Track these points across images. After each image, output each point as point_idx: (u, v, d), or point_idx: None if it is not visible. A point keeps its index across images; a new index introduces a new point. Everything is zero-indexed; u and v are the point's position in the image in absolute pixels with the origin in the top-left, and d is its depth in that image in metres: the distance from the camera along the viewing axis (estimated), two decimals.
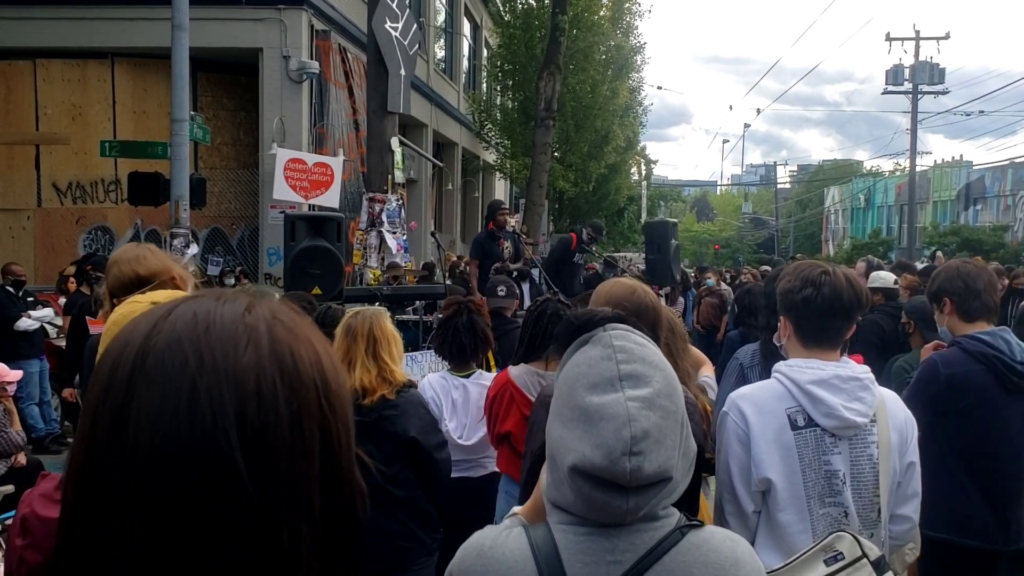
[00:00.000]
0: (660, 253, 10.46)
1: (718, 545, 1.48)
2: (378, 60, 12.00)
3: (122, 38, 14.68)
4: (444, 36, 26.32)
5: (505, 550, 1.48)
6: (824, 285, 2.46)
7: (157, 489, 0.70)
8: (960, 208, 46.27)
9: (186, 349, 0.73)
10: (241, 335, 0.74)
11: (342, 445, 0.78)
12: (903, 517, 2.49)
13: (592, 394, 1.42)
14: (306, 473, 0.73)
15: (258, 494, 0.70)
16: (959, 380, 3.27)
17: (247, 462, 0.70)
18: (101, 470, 0.72)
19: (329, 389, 0.77)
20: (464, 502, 4.32)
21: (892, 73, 38.46)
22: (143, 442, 0.71)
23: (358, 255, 12.05)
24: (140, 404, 0.72)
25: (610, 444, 1.36)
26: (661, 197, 53.94)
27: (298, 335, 0.78)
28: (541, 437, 2.99)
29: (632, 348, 1.47)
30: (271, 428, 0.72)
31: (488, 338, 4.40)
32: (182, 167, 10.39)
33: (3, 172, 15.56)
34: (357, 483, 0.79)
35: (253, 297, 0.79)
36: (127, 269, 2.65)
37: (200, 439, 0.70)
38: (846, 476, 2.37)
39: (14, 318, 9.33)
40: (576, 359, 1.50)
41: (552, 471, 1.49)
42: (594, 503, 1.40)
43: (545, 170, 20.98)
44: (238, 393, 0.71)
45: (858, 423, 2.36)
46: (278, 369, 0.74)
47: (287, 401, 0.73)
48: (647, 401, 1.41)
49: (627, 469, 1.35)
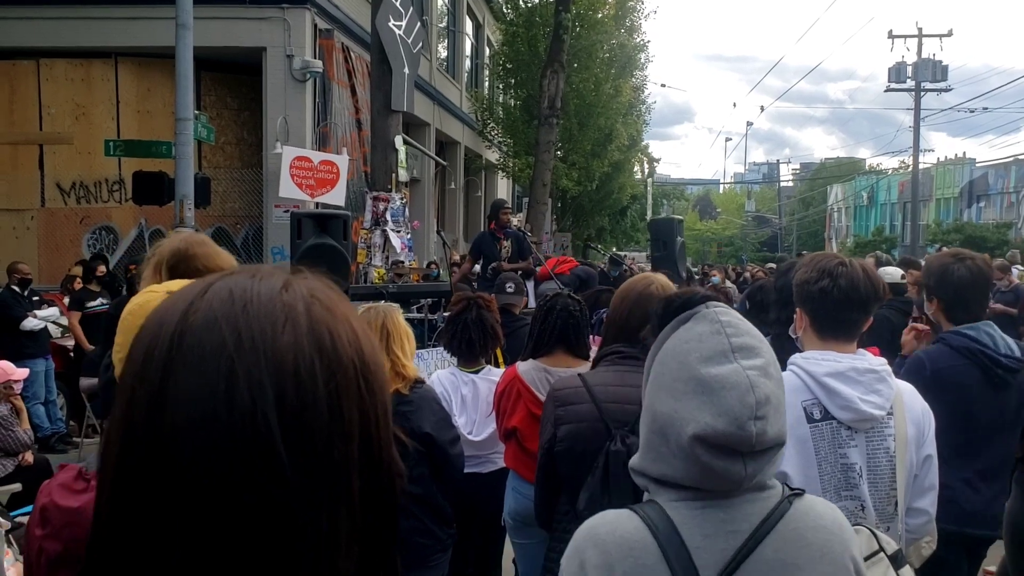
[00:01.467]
0: (666, 250, 10.46)
1: (822, 511, 1.57)
2: (382, 58, 12.01)
3: (126, 37, 14.67)
4: (446, 35, 26.32)
5: (622, 532, 1.51)
6: (841, 276, 2.45)
7: (195, 472, 0.69)
8: (963, 205, 46.25)
9: (223, 328, 0.71)
10: (279, 314, 0.73)
11: (380, 426, 0.76)
12: (920, 510, 2.48)
13: (708, 366, 1.48)
14: (345, 455, 0.72)
15: (297, 477, 0.69)
16: (944, 375, 3.29)
17: (286, 445, 0.69)
18: (138, 453, 0.71)
19: (368, 369, 0.75)
20: (474, 498, 4.31)
21: (895, 70, 38.43)
22: (181, 425, 0.69)
23: (362, 254, 12.06)
24: (177, 386, 0.70)
25: (736, 410, 1.43)
26: (664, 196, 53.92)
27: (336, 314, 0.76)
28: (549, 431, 3.03)
29: (737, 323, 1.55)
30: (309, 409, 0.70)
31: (497, 334, 4.40)
32: (187, 166, 10.40)
33: (7, 172, 15.57)
34: (396, 464, 0.77)
35: (289, 274, 0.78)
36: (210, 264, 2.52)
37: (239, 421, 0.68)
38: (862, 469, 2.36)
39: (20, 318, 9.33)
40: (681, 335, 1.55)
41: (658, 446, 1.53)
42: (713, 471, 1.45)
43: (549, 168, 20.97)
44: (277, 374, 0.70)
45: (875, 416, 2.35)
46: (316, 349, 0.72)
47: (326, 382, 0.71)
48: (762, 370, 1.49)
49: (753, 433, 1.42)
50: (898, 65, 38.21)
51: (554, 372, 3.74)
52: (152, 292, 1.62)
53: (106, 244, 15.65)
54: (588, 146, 25.25)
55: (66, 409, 10.19)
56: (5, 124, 15.48)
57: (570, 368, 3.71)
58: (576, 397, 2.98)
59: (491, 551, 4.54)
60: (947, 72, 37.70)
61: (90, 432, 9.23)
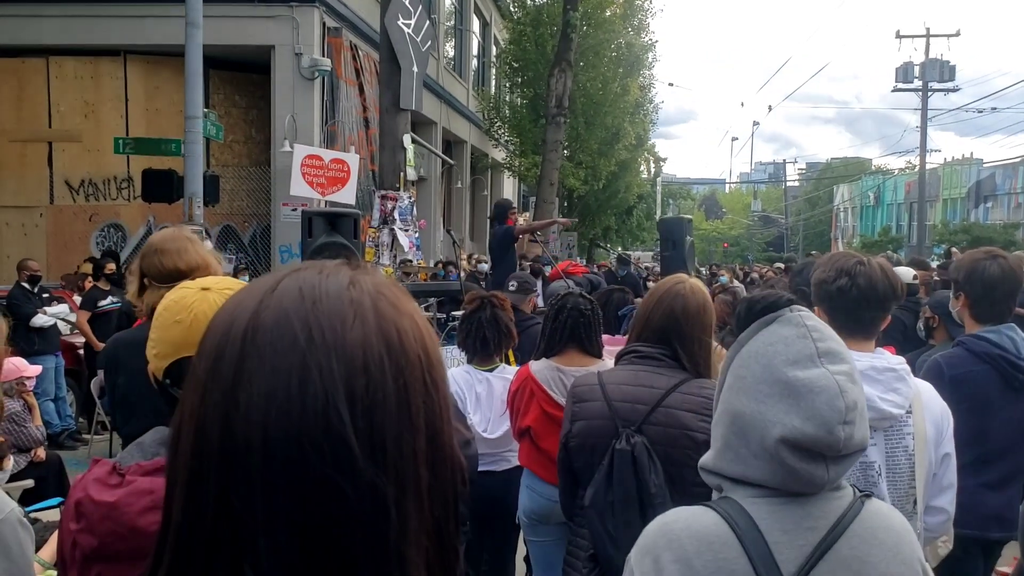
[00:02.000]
0: (675, 250, 10.46)
1: (889, 512, 1.60)
2: (391, 57, 12.02)
3: (135, 35, 14.72)
4: (454, 33, 26.33)
5: (699, 527, 1.51)
6: (859, 275, 2.46)
7: (270, 466, 0.70)
8: (970, 206, 46.14)
9: (295, 324, 0.72)
10: (348, 310, 0.74)
11: (443, 420, 0.78)
12: (938, 509, 2.49)
13: (795, 369, 1.48)
14: (413, 448, 0.73)
15: (368, 469, 0.70)
16: (963, 380, 3.27)
17: (358, 438, 0.70)
18: (213, 449, 0.72)
19: (432, 364, 0.77)
20: (488, 496, 4.32)
21: (902, 71, 38.38)
22: (255, 419, 0.70)
23: (370, 252, 12.07)
24: (251, 382, 0.71)
25: (824, 415, 1.44)
26: (670, 195, 53.85)
27: (401, 309, 0.77)
28: (566, 427, 3.06)
29: (822, 328, 1.55)
30: (379, 403, 0.72)
31: (512, 333, 4.41)
32: (196, 164, 10.43)
33: (16, 169, 15.62)
34: (457, 457, 0.79)
35: (355, 270, 0.79)
36: (168, 262, 2.66)
37: (312, 416, 0.70)
38: (881, 468, 2.36)
39: (30, 314, 9.36)
40: (765, 338, 1.55)
41: (737, 447, 1.54)
42: (796, 474, 1.46)
43: (556, 167, 20.96)
44: (347, 369, 0.71)
45: (894, 414, 2.36)
46: (385, 344, 0.74)
47: (394, 376, 0.73)
48: (849, 375, 1.49)
49: (841, 437, 1.44)
50: (905, 65, 38.16)
51: (567, 371, 3.75)
52: (186, 288, 1.63)
53: (114, 242, 15.70)
54: (595, 145, 25.23)
55: (76, 406, 10.22)
56: (14, 121, 15.54)
57: (583, 367, 3.72)
58: (590, 394, 3.02)
59: (505, 549, 4.55)
60: (955, 72, 37.64)
61: (99, 429, 9.26)
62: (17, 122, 15.54)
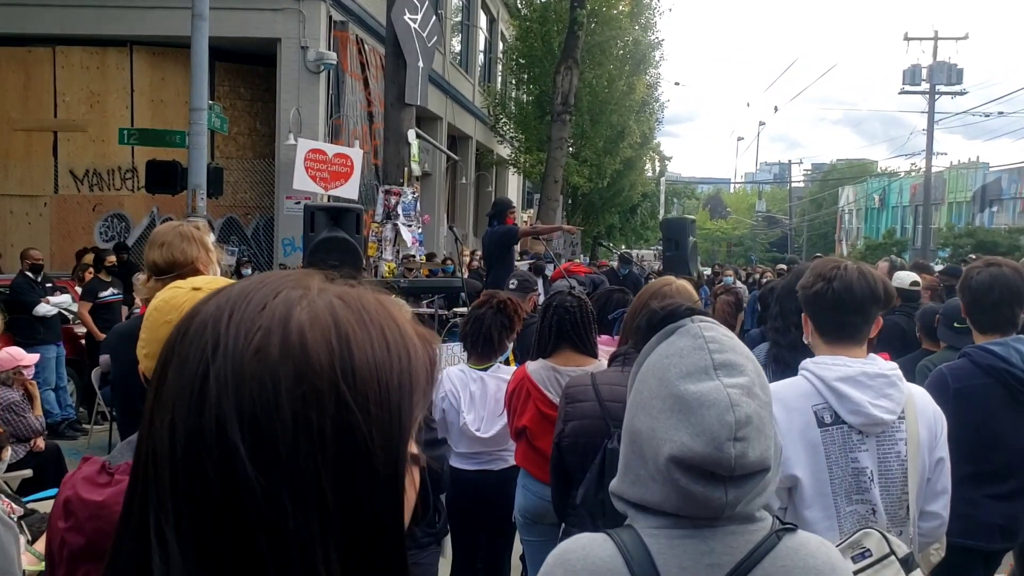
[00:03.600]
0: (678, 250, 10.47)
1: (814, 550, 1.44)
2: (396, 52, 12.02)
3: (141, 26, 14.73)
4: (460, 29, 26.31)
5: (594, 558, 1.42)
6: (835, 279, 2.46)
7: (173, 469, 0.72)
8: (975, 209, 46.07)
9: (208, 333, 0.75)
10: (257, 321, 0.75)
11: (375, 443, 0.75)
12: (933, 514, 2.49)
13: (688, 382, 1.39)
14: (314, 463, 0.72)
15: (259, 479, 0.71)
16: (967, 393, 3.25)
17: (246, 446, 0.71)
18: (143, 448, 0.76)
19: (356, 379, 0.75)
20: (482, 495, 4.33)
21: (909, 73, 38.29)
22: (166, 420, 0.73)
23: (373, 247, 12.07)
24: (167, 384, 0.75)
25: (714, 430, 1.33)
26: (675, 194, 53.79)
27: (319, 320, 0.76)
28: (559, 426, 3.07)
29: (722, 339, 1.46)
30: (268, 415, 0.72)
31: (515, 331, 4.42)
32: (200, 156, 10.43)
33: (21, 158, 15.65)
34: (399, 484, 0.76)
35: (303, 279, 0.79)
36: (167, 254, 2.73)
37: (208, 422, 0.72)
38: (874, 473, 2.36)
39: (33, 303, 9.38)
40: (663, 350, 1.47)
41: (637, 468, 1.45)
42: (691, 496, 1.36)
43: (561, 165, 20.94)
44: (238, 379, 0.72)
45: (885, 420, 2.36)
46: (289, 358, 0.73)
47: (290, 389, 0.72)
48: (745, 388, 1.39)
49: (732, 455, 1.33)
50: (913, 67, 38.08)
51: (563, 371, 3.76)
52: (177, 288, 1.64)
53: (118, 232, 15.73)
54: (600, 143, 25.19)
55: (76, 396, 10.25)
56: (20, 111, 15.57)
57: (579, 367, 3.73)
58: (583, 395, 3.04)
59: (500, 547, 4.56)
60: (962, 75, 37.55)
61: (99, 419, 9.28)
62: (23, 111, 15.57)
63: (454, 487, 4.43)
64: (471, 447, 4.34)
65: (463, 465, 4.37)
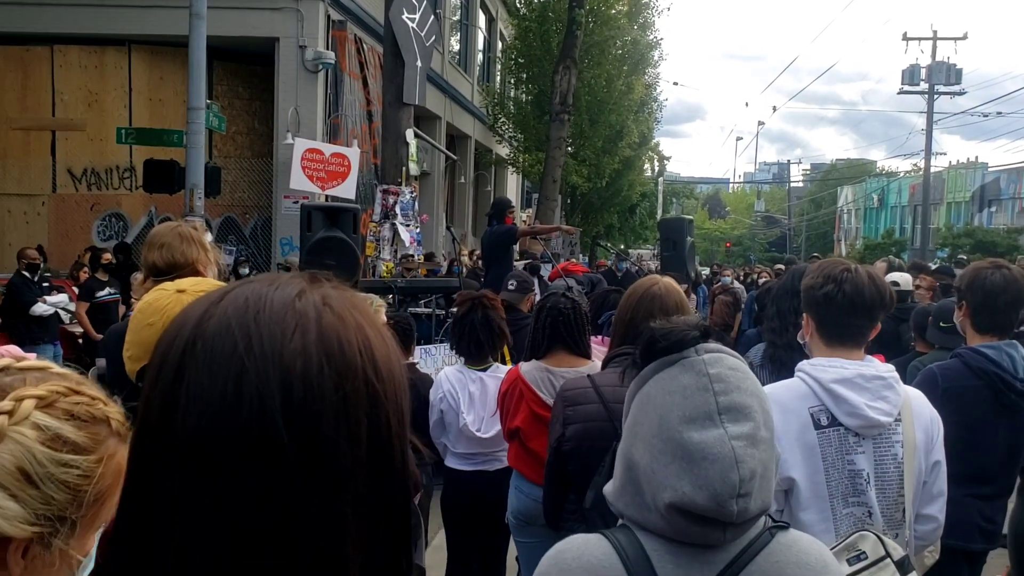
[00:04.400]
0: (675, 250, 10.46)
1: (807, 547, 1.46)
2: (395, 51, 12.00)
3: (139, 25, 14.70)
4: (459, 28, 26.29)
5: (590, 558, 1.43)
6: (846, 282, 2.44)
7: (205, 471, 0.71)
8: (974, 210, 46.07)
9: (235, 334, 0.74)
10: (290, 320, 0.75)
11: (392, 433, 0.78)
12: (929, 517, 2.48)
13: (691, 429, 1.36)
14: (351, 459, 0.74)
15: (302, 475, 0.72)
16: (955, 394, 3.26)
17: (292, 446, 0.71)
18: (152, 453, 0.74)
19: (379, 376, 0.77)
20: (480, 495, 4.32)
21: (908, 73, 38.30)
22: (192, 425, 0.72)
23: (371, 247, 12.06)
24: (189, 388, 0.73)
25: (716, 487, 1.32)
26: (673, 194, 53.78)
27: (347, 321, 0.78)
28: (558, 431, 3.05)
29: (727, 376, 1.40)
30: (317, 414, 0.73)
31: (504, 333, 4.41)
32: (197, 155, 10.41)
33: (19, 157, 15.62)
34: (409, 471, 0.79)
35: (307, 282, 0.79)
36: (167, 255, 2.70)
37: (247, 421, 0.71)
38: (870, 476, 2.36)
39: (30, 303, 9.37)
40: (666, 386, 1.42)
41: (633, 495, 1.45)
42: (689, 534, 1.37)
43: (559, 165, 20.92)
44: (284, 378, 0.72)
45: (882, 422, 2.35)
46: (325, 355, 0.74)
47: (334, 387, 0.74)
48: (750, 438, 1.36)
49: (734, 511, 1.33)
50: (912, 67, 38.08)
51: (556, 372, 3.74)
52: (161, 291, 1.63)
53: (116, 231, 15.71)
54: (599, 143, 25.17)
55: None
56: (18, 110, 15.54)
57: (572, 368, 3.72)
58: (584, 397, 3.01)
59: (496, 547, 4.55)
60: (961, 75, 37.55)
61: None
62: (21, 110, 15.54)
63: (451, 488, 4.42)
64: (469, 447, 4.33)
65: (460, 465, 4.36)
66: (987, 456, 3.30)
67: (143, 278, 2.76)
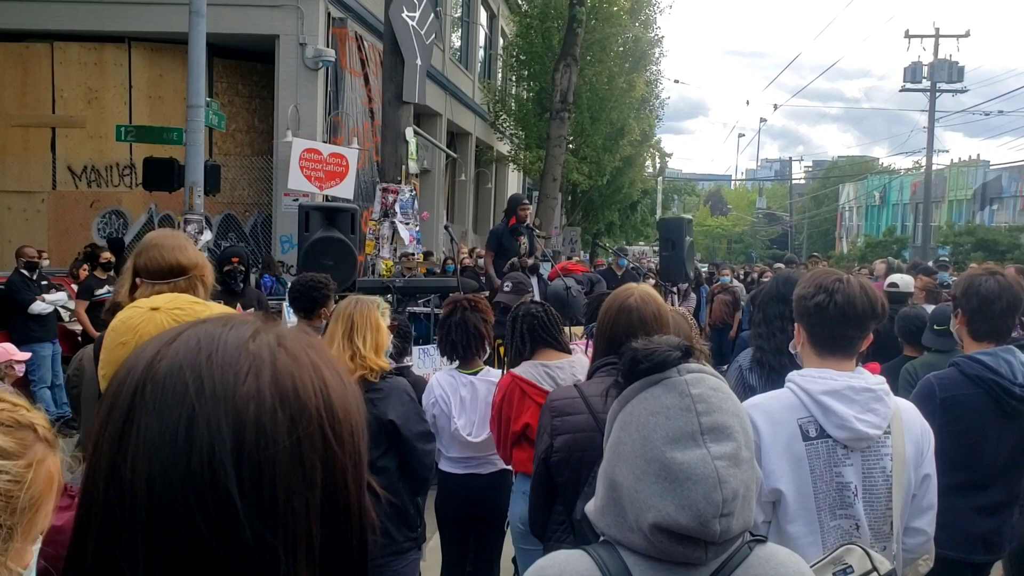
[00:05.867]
0: (674, 250, 10.45)
1: (784, 559, 1.48)
2: (394, 49, 11.97)
3: (139, 22, 14.70)
4: (460, 25, 26.25)
5: (572, 572, 1.45)
6: (837, 292, 2.42)
7: (155, 520, 0.70)
8: (976, 208, 46.02)
9: (187, 376, 0.72)
10: (243, 363, 0.73)
11: (348, 476, 0.76)
12: (918, 530, 2.47)
13: (673, 449, 1.37)
14: (306, 504, 0.72)
15: (253, 522, 0.70)
16: (954, 403, 3.25)
17: (242, 493, 0.70)
18: (102, 497, 0.72)
19: (335, 418, 0.75)
20: (472, 499, 4.32)
21: (910, 70, 38.18)
22: (141, 471, 0.70)
23: (370, 245, 12.05)
24: (139, 432, 0.71)
25: (699, 507, 1.33)
26: (675, 191, 53.66)
27: (301, 362, 0.76)
28: (546, 441, 3.04)
29: (710, 396, 1.41)
30: (269, 459, 0.71)
31: (482, 335, 4.39)
32: (197, 153, 10.40)
33: (19, 154, 15.62)
34: (366, 514, 0.78)
35: (261, 323, 0.78)
36: (169, 256, 2.64)
37: (197, 470, 0.69)
38: (858, 488, 2.34)
39: (28, 301, 9.37)
40: (649, 406, 1.43)
41: (616, 515, 1.45)
42: (671, 554, 1.38)
43: (559, 163, 20.90)
44: (236, 422, 0.70)
45: (870, 435, 2.34)
46: (279, 397, 0.72)
47: (287, 431, 0.72)
48: (733, 458, 1.37)
49: (717, 531, 1.34)
50: (914, 65, 37.97)
51: (550, 365, 3.79)
52: (135, 308, 1.62)
53: (115, 228, 15.71)
54: (599, 140, 25.14)
55: None
56: (18, 106, 15.54)
57: (562, 360, 3.83)
58: (572, 408, 3.00)
59: (490, 551, 4.54)
60: (963, 73, 37.42)
61: None
62: (21, 107, 15.53)
63: (444, 491, 4.42)
64: (462, 451, 4.33)
65: (453, 469, 4.36)
66: (989, 465, 3.28)
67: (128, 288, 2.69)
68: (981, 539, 3.29)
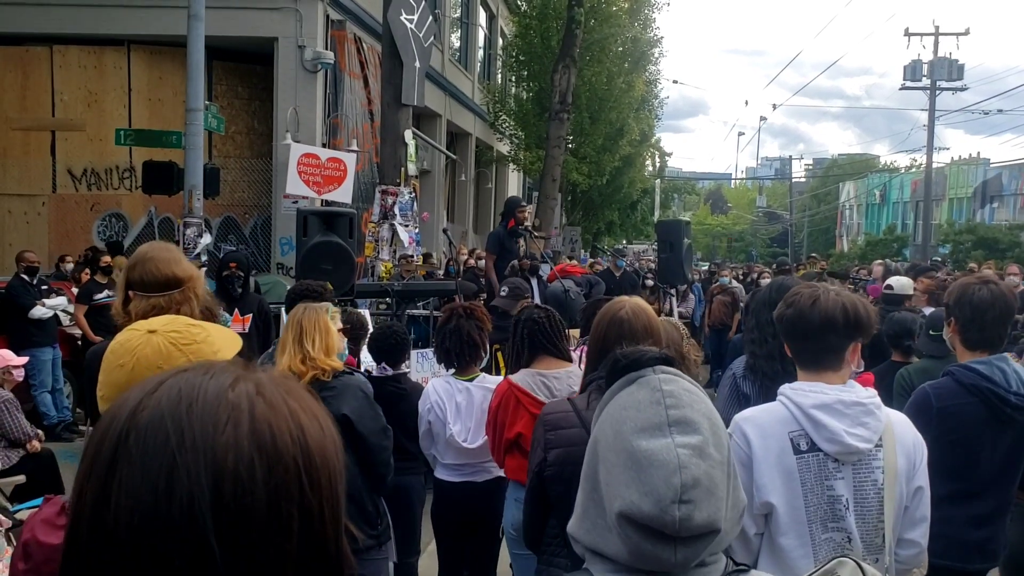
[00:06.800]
0: (672, 252, 10.44)
1: None
2: (393, 52, 11.99)
3: (138, 25, 14.71)
4: (459, 25, 26.25)
5: None
6: (814, 308, 2.42)
7: (134, 563, 0.71)
8: (976, 206, 45.99)
9: (168, 427, 0.74)
10: (222, 413, 0.75)
11: (326, 522, 0.77)
12: (911, 542, 2.47)
13: (641, 438, 1.37)
14: (283, 552, 0.73)
15: (230, 571, 0.71)
16: (950, 413, 3.26)
17: (220, 540, 0.71)
18: (85, 545, 0.74)
19: (312, 466, 0.77)
20: (468, 506, 4.34)
21: (910, 68, 38.16)
22: (123, 520, 0.72)
23: (370, 247, 12.06)
24: (122, 482, 0.73)
25: (660, 491, 1.32)
26: (675, 190, 53.65)
27: (279, 411, 0.77)
28: (540, 455, 3.05)
29: (680, 394, 1.43)
30: (247, 509, 0.72)
31: (476, 343, 4.41)
32: (196, 156, 10.41)
33: (19, 157, 15.64)
34: (345, 558, 0.79)
35: (242, 370, 0.79)
36: (165, 268, 2.65)
37: (177, 521, 0.71)
38: (849, 501, 2.36)
39: (28, 306, 9.39)
40: (622, 400, 1.45)
41: (595, 517, 1.44)
42: (642, 553, 1.36)
43: (559, 163, 20.91)
44: (215, 472, 0.72)
45: (861, 449, 2.35)
46: (256, 447, 0.74)
47: (264, 481, 0.73)
48: (697, 449, 1.37)
49: (676, 518, 1.32)
50: (914, 63, 37.95)
51: (547, 375, 3.79)
52: (133, 331, 1.63)
53: (115, 231, 15.73)
54: (599, 140, 25.17)
55: (73, 397, 10.26)
56: (18, 110, 15.56)
57: (560, 370, 3.82)
58: (565, 422, 3.01)
59: (486, 559, 4.56)
60: (963, 71, 37.41)
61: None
62: (21, 110, 15.55)
63: (440, 499, 4.44)
64: (457, 458, 4.34)
65: (449, 477, 4.37)
66: (984, 472, 3.29)
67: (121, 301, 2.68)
68: (976, 548, 3.30)
